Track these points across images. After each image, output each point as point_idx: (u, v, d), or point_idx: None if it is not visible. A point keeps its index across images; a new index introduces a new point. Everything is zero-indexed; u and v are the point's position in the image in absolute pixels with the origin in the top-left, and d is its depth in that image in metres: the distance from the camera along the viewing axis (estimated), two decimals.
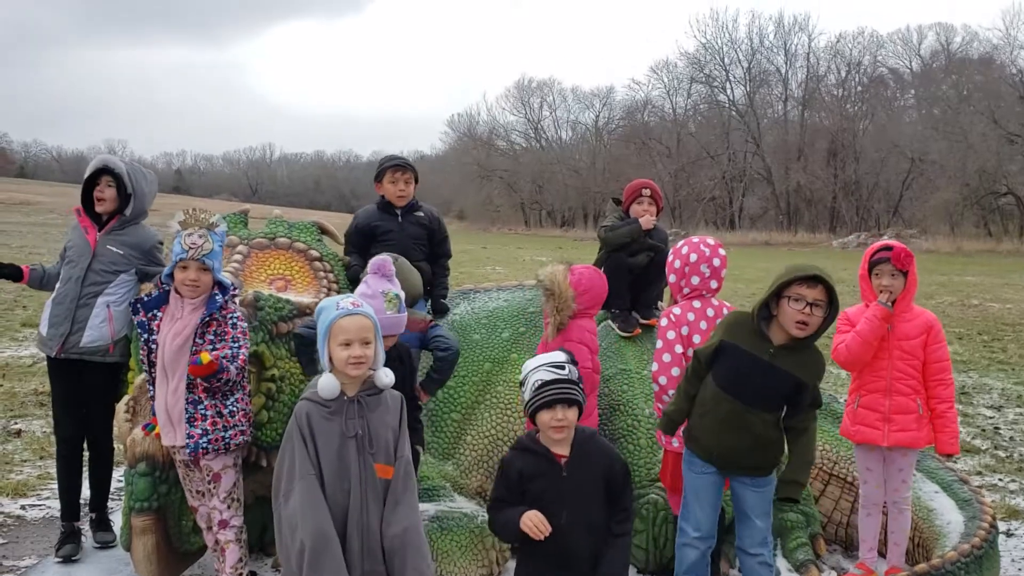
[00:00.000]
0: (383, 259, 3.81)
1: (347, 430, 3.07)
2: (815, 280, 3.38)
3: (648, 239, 5.10)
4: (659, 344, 4.09)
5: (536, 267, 5.22)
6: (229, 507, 3.77)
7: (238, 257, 4.59)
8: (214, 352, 3.58)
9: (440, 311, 5.05)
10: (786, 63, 59.89)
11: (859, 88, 58.01)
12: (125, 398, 4.03)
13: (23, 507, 5.22)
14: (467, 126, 78.43)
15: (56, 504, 5.17)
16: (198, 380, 3.60)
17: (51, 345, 4.44)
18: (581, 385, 3.09)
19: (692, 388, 3.65)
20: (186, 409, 3.64)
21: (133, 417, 3.91)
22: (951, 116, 48.05)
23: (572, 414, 3.01)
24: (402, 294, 3.74)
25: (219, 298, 3.70)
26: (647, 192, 5.15)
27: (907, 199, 51.11)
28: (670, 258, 4.20)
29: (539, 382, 3.03)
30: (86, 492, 4.74)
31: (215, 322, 3.68)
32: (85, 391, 4.48)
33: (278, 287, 4.57)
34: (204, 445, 3.65)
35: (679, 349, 4.02)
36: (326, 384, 3.08)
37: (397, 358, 3.67)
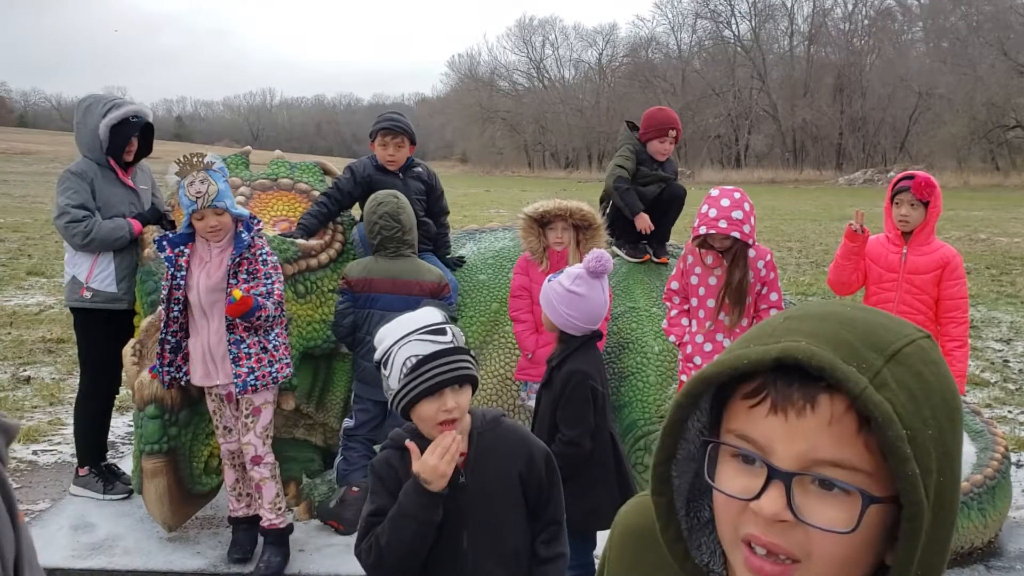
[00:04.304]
0: (596, 250, 3.13)
1: None
2: (789, 373, 0.86)
3: (660, 171, 5.01)
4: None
5: None
6: (264, 443, 3.76)
7: (241, 199, 4.54)
8: (246, 286, 3.57)
9: (454, 265, 4.99)
10: None
11: (866, 22, 57.03)
12: (131, 341, 4.01)
13: (35, 452, 5.25)
14: (468, 67, 77.61)
15: (67, 449, 5.22)
16: (237, 320, 3.57)
17: (127, 299, 4.40)
18: (472, 353, 2.18)
19: None
20: (230, 350, 3.62)
21: (140, 360, 3.89)
22: (959, 48, 47.30)
23: (465, 397, 2.09)
24: (559, 276, 3.17)
25: (245, 236, 3.66)
26: (673, 133, 4.98)
27: (914, 134, 50.54)
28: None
29: (414, 359, 2.06)
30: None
31: (245, 260, 3.66)
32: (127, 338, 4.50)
33: (282, 228, 4.54)
34: (252, 383, 3.65)
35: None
36: None
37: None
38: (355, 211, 4.86)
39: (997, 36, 44.83)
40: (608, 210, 5.03)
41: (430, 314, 2.17)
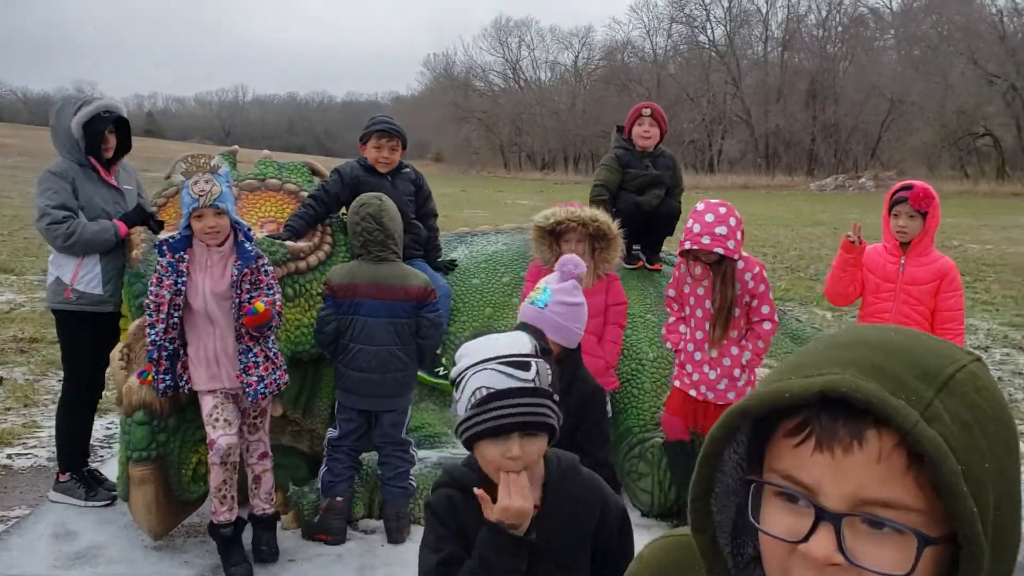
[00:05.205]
0: (568, 257, 3.11)
1: None
2: (833, 407, 0.81)
3: (652, 168, 4.96)
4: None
5: (518, 211, 5.11)
6: (268, 439, 3.95)
7: None
8: (267, 299, 3.64)
9: (446, 269, 4.90)
10: (767, 2, 59.34)
11: (839, 28, 57.58)
12: (119, 345, 3.91)
13: (9, 456, 5.11)
14: (444, 66, 77.54)
15: (43, 453, 5.09)
16: (244, 331, 3.65)
17: (113, 301, 4.31)
18: (555, 396, 1.85)
19: None
20: (240, 360, 3.69)
21: (128, 365, 3.79)
22: (930, 56, 47.86)
23: (537, 446, 1.81)
24: (550, 295, 3.05)
25: (250, 248, 3.71)
26: (647, 112, 5.00)
27: (885, 141, 51.06)
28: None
29: (484, 392, 1.79)
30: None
31: (249, 271, 3.68)
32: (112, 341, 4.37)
33: (270, 230, 4.47)
34: (263, 391, 3.74)
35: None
36: None
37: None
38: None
39: (967, 45, 45.42)
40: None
41: (518, 341, 1.86)
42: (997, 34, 45.73)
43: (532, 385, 1.79)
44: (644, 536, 4.16)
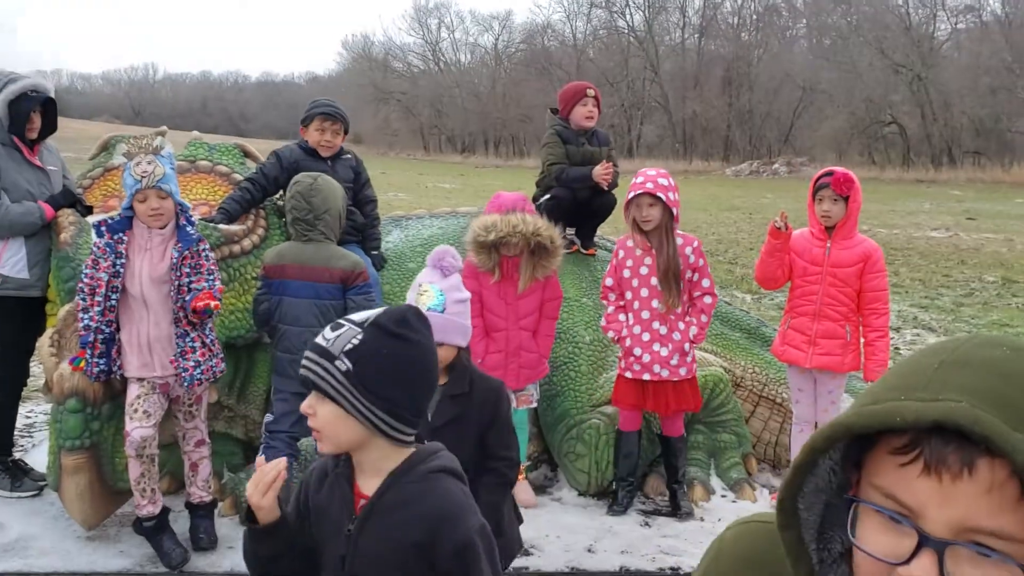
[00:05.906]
0: (443, 250, 2.95)
1: None
2: (945, 431, 0.80)
3: (587, 145, 5.00)
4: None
5: (440, 194, 5.08)
6: (206, 426, 3.90)
7: None
8: (204, 291, 3.56)
9: (379, 264, 4.84)
10: None
11: (754, 16, 58.78)
12: (49, 331, 3.80)
13: None
14: (362, 47, 76.50)
15: None
16: (182, 315, 3.57)
17: (40, 285, 4.17)
18: (341, 361, 1.66)
19: None
20: (177, 343, 3.62)
21: (59, 351, 3.68)
22: (840, 46, 49.28)
23: (328, 411, 1.67)
24: (444, 295, 2.83)
25: (192, 231, 3.64)
26: (591, 92, 5.00)
27: (798, 128, 52.36)
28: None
29: None
30: None
31: (189, 255, 3.61)
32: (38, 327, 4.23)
33: (201, 212, 4.38)
34: (199, 376, 3.67)
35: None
36: None
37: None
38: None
39: (875, 35, 46.89)
40: (543, 200, 5.01)
41: (370, 310, 1.79)
42: (903, 25, 47.36)
43: (323, 344, 1.70)
44: (580, 516, 4.26)
